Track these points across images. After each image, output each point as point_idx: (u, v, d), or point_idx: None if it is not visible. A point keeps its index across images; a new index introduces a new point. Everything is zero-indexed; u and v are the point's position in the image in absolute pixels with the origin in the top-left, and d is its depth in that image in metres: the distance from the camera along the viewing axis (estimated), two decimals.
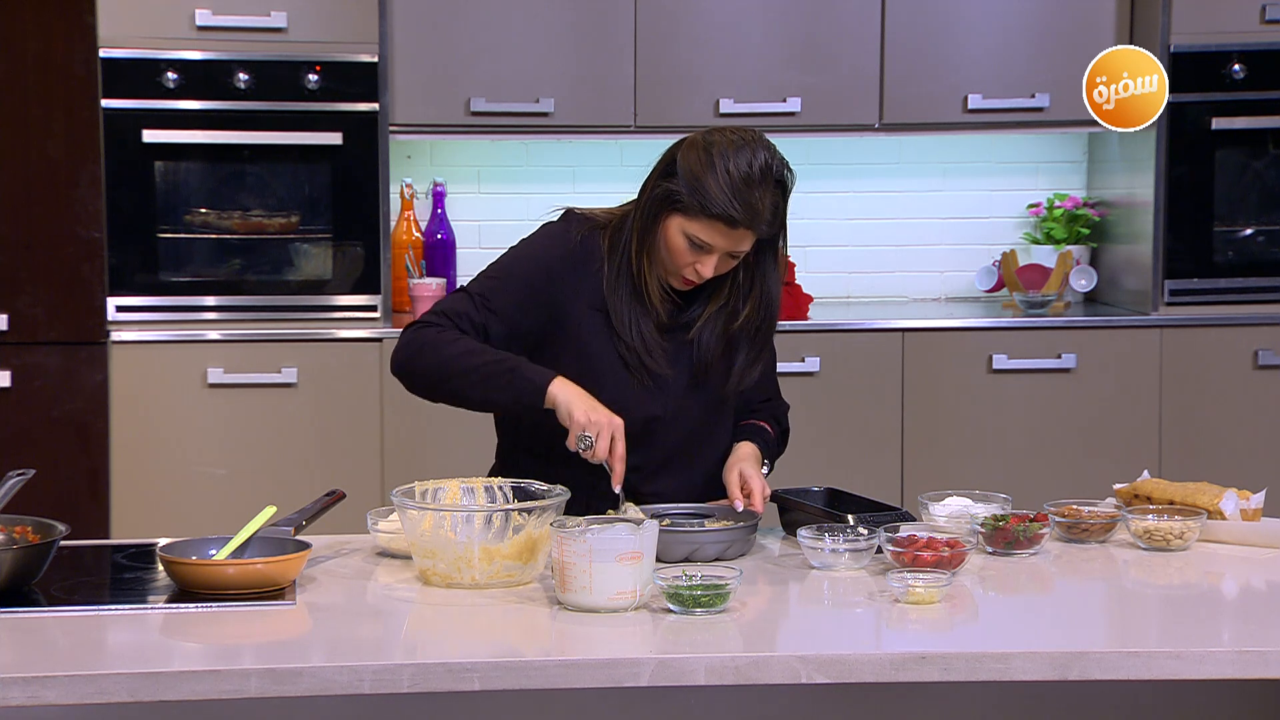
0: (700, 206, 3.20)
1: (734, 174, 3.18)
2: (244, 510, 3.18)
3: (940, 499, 3.37)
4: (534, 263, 3.34)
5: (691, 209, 3.21)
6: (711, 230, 3.21)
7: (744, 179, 3.18)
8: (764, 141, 3.24)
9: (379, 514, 3.20)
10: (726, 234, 3.21)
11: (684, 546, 3.08)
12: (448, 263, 5.62)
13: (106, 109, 5.10)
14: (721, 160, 3.20)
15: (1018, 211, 5.96)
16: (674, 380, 3.34)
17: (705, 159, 3.21)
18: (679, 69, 5.39)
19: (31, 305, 5.08)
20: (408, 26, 5.30)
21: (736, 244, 3.23)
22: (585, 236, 3.34)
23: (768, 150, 3.23)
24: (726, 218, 3.19)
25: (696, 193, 3.20)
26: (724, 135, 3.24)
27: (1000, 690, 2.94)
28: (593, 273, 3.32)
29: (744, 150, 3.21)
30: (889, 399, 5.35)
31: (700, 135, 3.27)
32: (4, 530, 2.99)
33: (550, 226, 3.40)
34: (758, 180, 3.19)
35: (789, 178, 3.25)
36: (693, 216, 3.21)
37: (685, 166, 3.23)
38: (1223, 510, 3.27)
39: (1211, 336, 5.45)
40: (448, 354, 3.24)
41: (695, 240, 3.23)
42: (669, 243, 3.25)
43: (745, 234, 3.22)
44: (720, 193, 3.18)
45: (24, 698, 2.49)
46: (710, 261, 3.24)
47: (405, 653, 2.73)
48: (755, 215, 3.19)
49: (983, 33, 5.50)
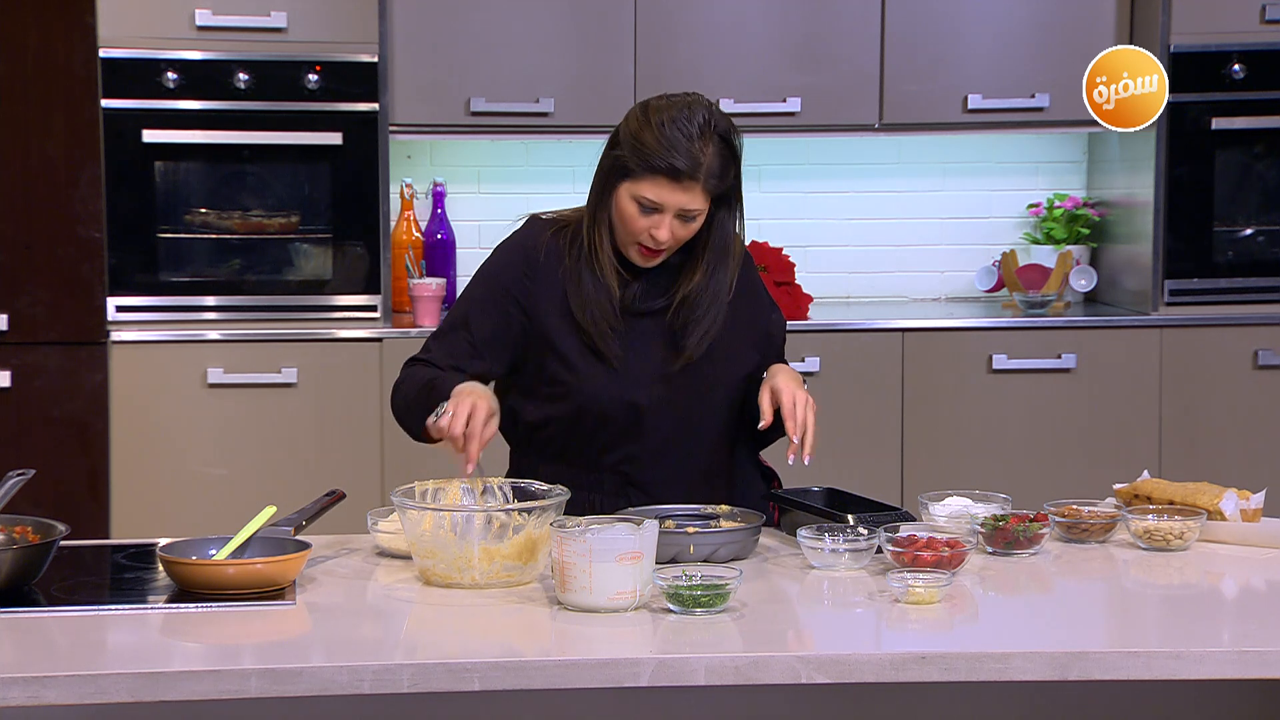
0: (643, 163, 3.22)
1: (670, 126, 3.22)
2: (244, 510, 3.18)
3: (940, 499, 3.37)
4: (495, 281, 3.39)
5: (636, 170, 3.24)
6: (658, 187, 3.23)
7: (683, 132, 3.22)
8: (704, 101, 3.29)
9: (379, 514, 3.21)
10: (672, 188, 3.22)
11: (671, 548, 3.06)
12: (448, 263, 5.62)
13: (106, 109, 5.10)
14: (658, 115, 3.25)
15: (1018, 211, 5.96)
16: (652, 366, 3.34)
17: (643, 118, 3.26)
18: (679, 69, 5.39)
19: (31, 305, 5.08)
20: (408, 26, 5.30)
21: (686, 201, 3.24)
22: (548, 241, 3.38)
23: (706, 108, 3.27)
24: (669, 169, 3.21)
25: (638, 151, 3.23)
26: (661, 98, 3.30)
27: (1000, 690, 2.94)
28: (557, 275, 3.34)
29: (681, 108, 3.25)
30: (889, 399, 5.35)
31: (641, 102, 3.33)
32: (4, 530, 2.99)
33: (509, 240, 3.45)
34: (696, 133, 3.22)
35: (735, 138, 3.28)
36: (638, 177, 3.24)
37: (626, 129, 3.28)
38: (1223, 510, 3.27)
39: (1211, 336, 5.45)
40: (402, 394, 3.33)
41: (644, 202, 3.25)
42: (621, 211, 3.28)
43: (692, 187, 3.23)
44: (660, 144, 3.21)
45: (24, 698, 2.49)
46: (664, 222, 3.25)
47: (405, 653, 2.73)
48: (697, 164, 3.21)
49: (983, 33, 5.51)
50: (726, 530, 3.13)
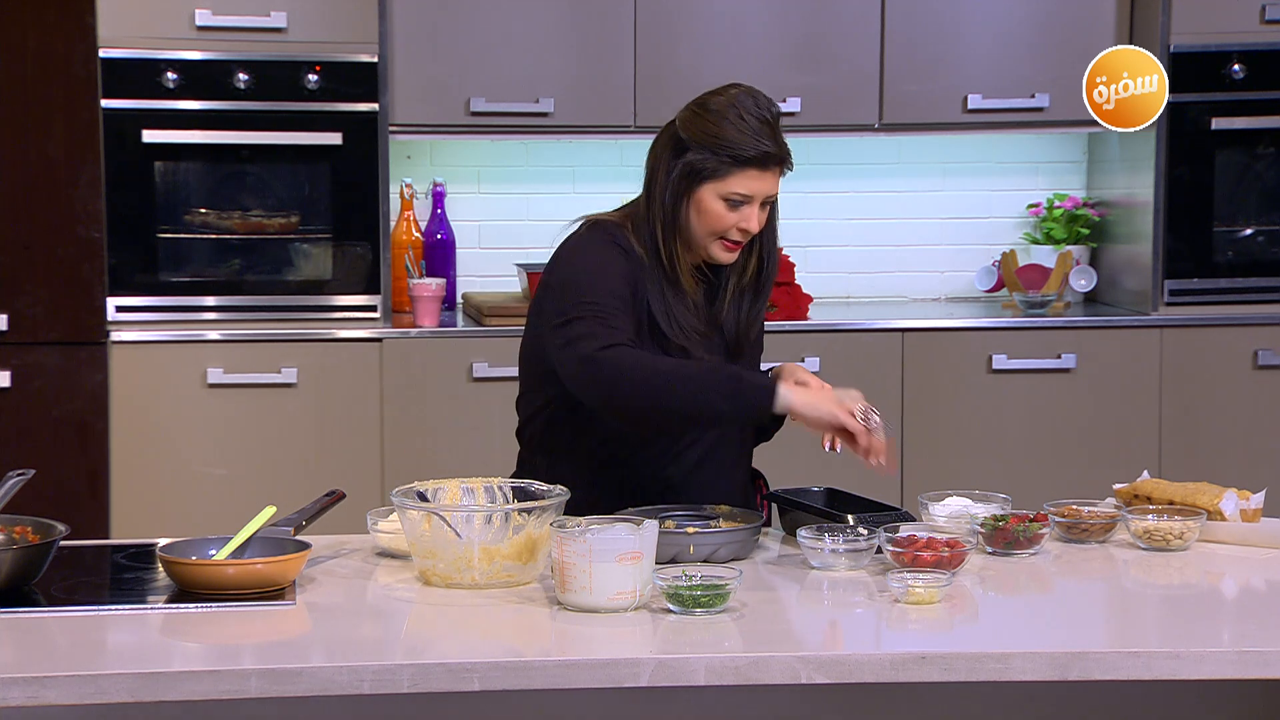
0: (732, 160, 3.24)
1: (750, 118, 3.26)
2: (244, 510, 3.18)
3: (940, 499, 3.37)
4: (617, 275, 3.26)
5: (722, 169, 3.24)
6: (747, 179, 3.25)
7: (759, 119, 3.26)
8: (751, 88, 3.33)
9: (379, 514, 3.20)
10: (760, 177, 3.25)
11: (671, 548, 3.06)
12: (447, 263, 5.62)
13: (106, 109, 5.10)
14: (732, 111, 3.26)
15: (1017, 211, 5.96)
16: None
17: (716, 118, 3.27)
18: (679, 69, 5.39)
19: (31, 305, 5.08)
20: (408, 26, 5.30)
21: (771, 187, 3.28)
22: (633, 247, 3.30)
23: (759, 95, 3.31)
24: (761, 157, 3.24)
25: (723, 149, 3.24)
26: (714, 96, 3.31)
27: (1000, 690, 2.94)
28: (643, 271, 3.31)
29: (744, 97, 3.29)
30: (889, 399, 5.35)
31: (690, 107, 3.32)
32: (4, 530, 2.99)
33: (594, 235, 3.33)
34: (769, 117, 3.28)
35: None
36: (724, 175, 3.25)
37: (698, 134, 3.27)
38: (1223, 510, 3.27)
39: (1211, 336, 5.45)
40: (656, 369, 3.13)
41: (733, 198, 3.25)
42: (705, 213, 3.26)
43: (775, 173, 3.28)
44: (747, 137, 3.24)
45: (24, 698, 2.49)
46: (753, 213, 3.27)
47: (405, 653, 2.73)
48: (783, 147, 3.27)
49: (983, 33, 5.51)
50: (726, 530, 3.13)
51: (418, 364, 5.24)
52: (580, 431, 3.34)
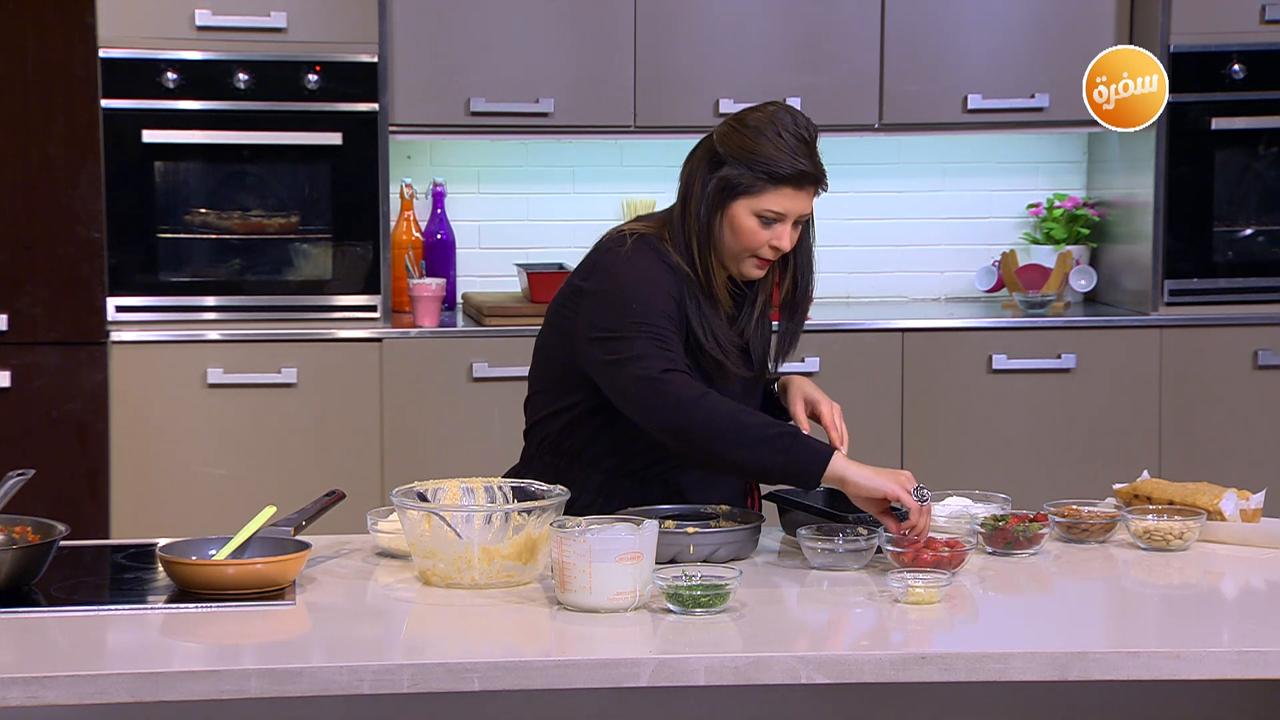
0: (768, 177, 3.22)
1: (787, 136, 3.24)
2: (244, 510, 3.18)
3: (940, 499, 3.37)
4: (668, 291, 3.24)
5: (756, 185, 3.23)
6: (781, 197, 3.24)
7: (797, 137, 3.25)
8: (785, 105, 3.31)
9: (379, 514, 3.20)
10: (795, 196, 3.25)
11: (671, 548, 3.06)
12: (447, 263, 5.62)
13: (106, 109, 5.10)
14: (770, 128, 3.24)
15: (1017, 211, 5.96)
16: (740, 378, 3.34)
17: (753, 134, 3.24)
18: (679, 69, 5.39)
19: (31, 305, 5.08)
20: (408, 26, 5.30)
21: (805, 205, 3.28)
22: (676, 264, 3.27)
23: (795, 111, 3.29)
24: (797, 175, 3.23)
25: (759, 165, 3.22)
26: (753, 112, 3.28)
27: (1000, 690, 2.94)
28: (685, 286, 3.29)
29: (782, 114, 3.27)
30: (889, 399, 5.35)
31: (729, 121, 3.29)
32: (4, 530, 2.99)
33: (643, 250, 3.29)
34: (807, 136, 3.26)
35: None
36: (759, 192, 3.23)
37: (735, 149, 3.24)
38: (1222, 510, 3.27)
39: (1211, 336, 5.45)
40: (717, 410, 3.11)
41: (767, 215, 3.25)
42: (738, 228, 3.25)
43: (810, 192, 3.27)
44: (784, 155, 3.23)
45: (24, 698, 2.49)
46: (785, 231, 3.27)
47: (405, 653, 2.73)
48: (819, 167, 3.27)
49: (983, 33, 5.51)
50: (726, 530, 3.13)
51: (418, 364, 5.24)
52: (602, 437, 3.33)
